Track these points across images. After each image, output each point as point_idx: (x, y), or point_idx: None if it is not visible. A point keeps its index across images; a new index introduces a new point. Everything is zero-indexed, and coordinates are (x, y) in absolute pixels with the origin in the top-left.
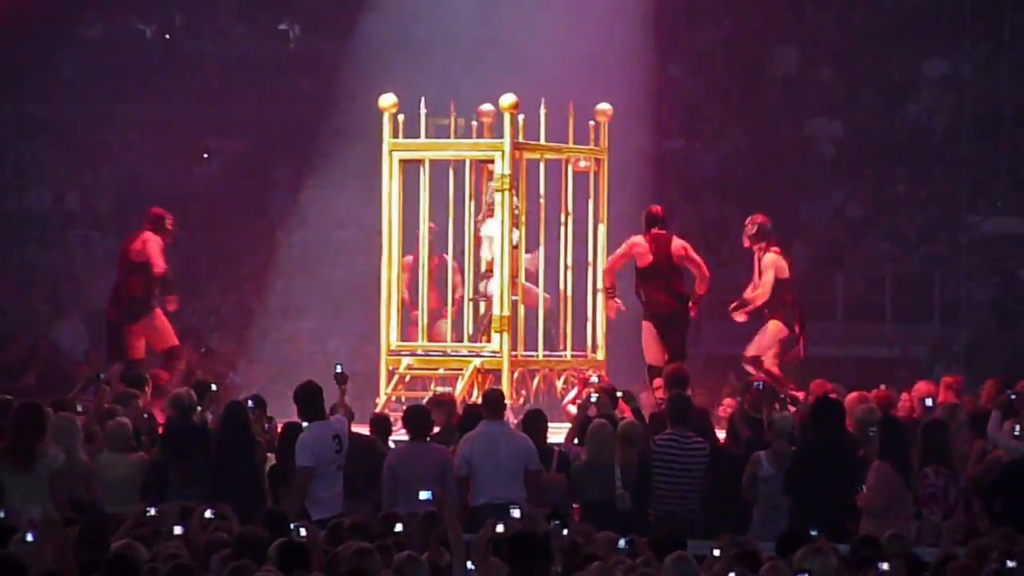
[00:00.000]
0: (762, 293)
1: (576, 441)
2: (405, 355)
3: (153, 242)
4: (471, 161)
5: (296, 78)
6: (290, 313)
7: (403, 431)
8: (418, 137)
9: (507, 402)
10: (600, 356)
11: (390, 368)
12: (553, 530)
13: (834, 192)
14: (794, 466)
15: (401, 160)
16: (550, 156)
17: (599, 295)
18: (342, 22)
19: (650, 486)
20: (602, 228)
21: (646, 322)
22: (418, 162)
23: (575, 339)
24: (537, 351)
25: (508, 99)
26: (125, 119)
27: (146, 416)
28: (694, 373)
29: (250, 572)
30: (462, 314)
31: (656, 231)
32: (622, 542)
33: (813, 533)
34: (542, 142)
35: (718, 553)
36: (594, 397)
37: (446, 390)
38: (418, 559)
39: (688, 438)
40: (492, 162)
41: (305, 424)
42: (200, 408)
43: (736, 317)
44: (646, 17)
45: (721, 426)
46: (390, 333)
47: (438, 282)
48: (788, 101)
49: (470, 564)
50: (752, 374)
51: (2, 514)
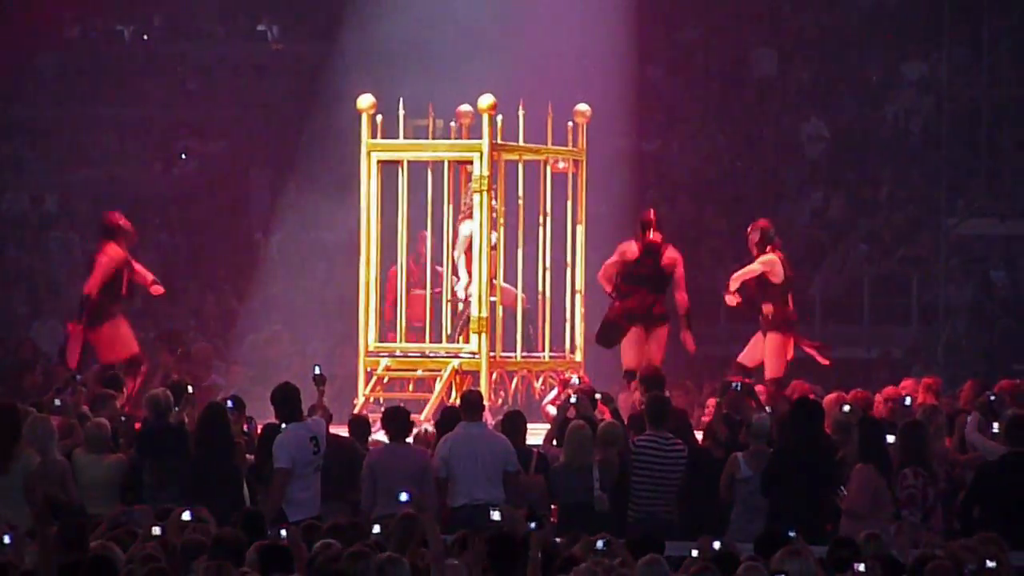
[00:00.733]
0: (741, 275)
1: (555, 442)
2: (383, 356)
3: (101, 256)
4: (449, 162)
5: (275, 79)
6: (269, 314)
7: (381, 432)
8: (396, 138)
9: (485, 403)
10: (578, 357)
11: (368, 369)
12: (533, 532)
13: (812, 193)
14: (771, 467)
15: (379, 161)
16: (528, 157)
17: (577, 296)
18: (320, 24)
19: (628, 487)
20: (580, 229)
21: (630, 325)
22: (396, 163)
23: (553, 340)
24: (515, 352)
25: (486, 100)
26: (103, 120)
27: (123, 418)
28: (674, 374)
29: (228, 574)
30: (439, 315)
31: (649, 238)
32: (600, 543)
33: (791, 534)
34: (520, 143)
35: (696, 554)
36: (573, 398)
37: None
38: (400, 560)
39: (667, 439)
40: (471, 163)
41: (283, 425)
42: (177, 409)
43: (728, 299)
44: (625, 18)
45: (703, 427)
46: (368, 334)
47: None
48: (767, 102)
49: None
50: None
51: None
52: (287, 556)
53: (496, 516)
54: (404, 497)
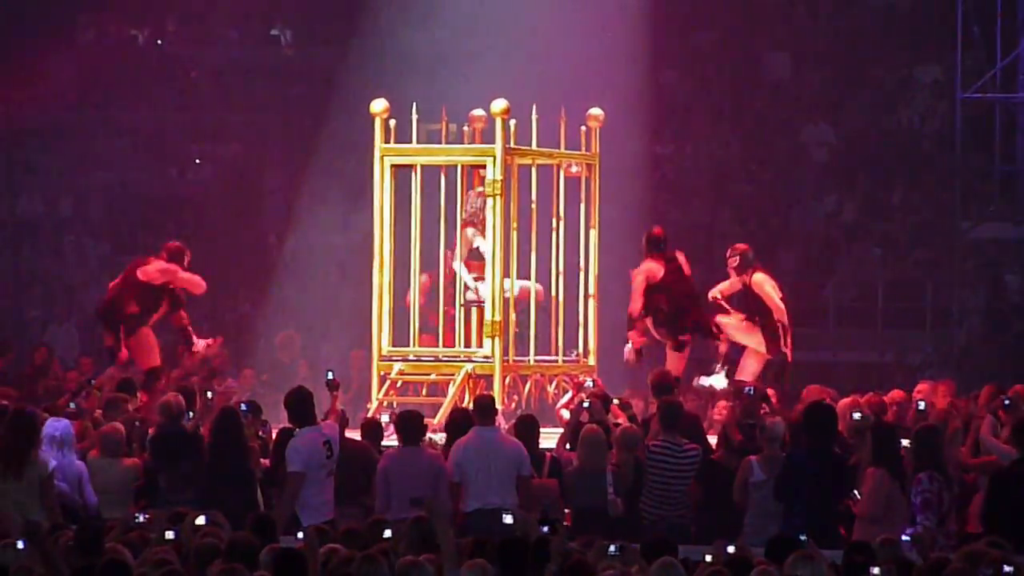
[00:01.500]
0: (780, 309)
1: (568, 447)
2: (397, 360)
3: (173, 271)
4: (463, 166)
5: (288, 84)
6: (283, 318)
7: (395, 436)
8: (410, 142)
9: (498, 407)
10: (591, 361)
11: (382, 373)
12: (550, 536)
13: (826, 197)
14: (785, 471)
15: (393, 165)
16: (542, 161)
17: (591, 300)
18: (334, 28)
19: (643, 490)
20: (593, 233)
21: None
22: (410, 167)
23: (567, 344)
24: (529, 356)
25: (500, 104)
26: (117, 124)
27: (137, 423)
28: (688, 378)
29: None
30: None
31: (666, 253)
32: (612, 548)
33: (802, 538)
34: (534, 147)
35: (710, 559)
36: (587, 403)
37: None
38: (422, 564)
39: (680, 445)
40: (484, 167)
41: (296, 430)
42: (192, 415)
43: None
44: (638, 22)
45: (715, 431)
46: (382, 338)
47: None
48: (780, 106)
49: None
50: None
51: None
52: (301, 560)
53: (508, 520)
54: (417, 504)
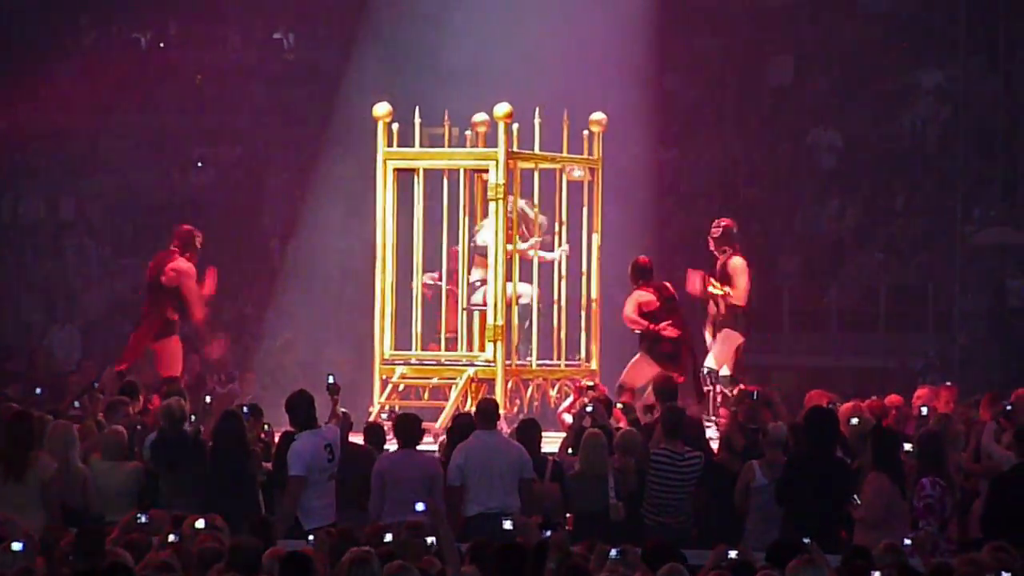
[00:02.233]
0: (739, 296)
1: (570, 451)
2: (399, 364)
3: (189, 278)
4: (465, 170)
5: (291, 87)
6: (285, 321)
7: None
8: (412, 146)
9: (501, 411)
10: (594, 365)
11: (384, 377)
12: (550, 540)
13: (829, 202)
14: (785, 475)
15: (395, 169)
16: (544, 165)
17: (593, 305)
18: (337, 32)
19: (644, 496)
20: (596, 237)
21: (647, 355)
22: (412, 171)
23: (569, 349)
24: (531, 360)
25: (502, 108)
26: (119, 127)
27: (139, 427)
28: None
29: None
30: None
31: (655, 282)
32: (613, 552)
33: (805, 541)
34: (536, 151)
35: (711, 563)
36: (589, 407)
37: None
38: (411, 569)
39: (682, 453)
40: (486, 171)
41: (298, 433)
42: (194, 417)
43: (694, 286)
44: (641, 27)
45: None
46: (384, 342)
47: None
48: (783, 111)
49: None
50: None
51: None
52: (308, 564)
53: (508, 525)
54: (421, 507)
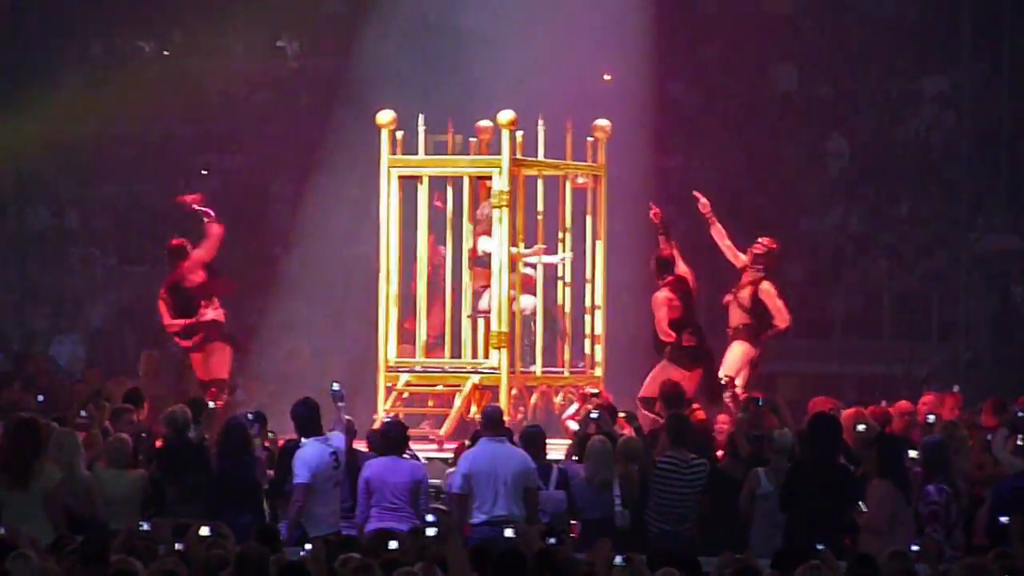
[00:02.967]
0: (784, 318)
1: (575, 458)
2: (403, 371)
3: (164, 297)
4: (469, 177)
5: (294, 95)
6: (290, 329)
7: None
8: (416, 154)
9: (505, 418)
10: (598, 373)
11: (388, 385)
12: (552, 548)
13: (833, 209)
14: (789, 482)
15: (399, 176)
16: (548, 172)
17: (598, 312)
18: (340, 40)
19: (649, 503)
20: (600, 244)
21: (668, 362)
22: (416, 178)
23: (573, 356)
24: (536, 367)
25: (506, 115)
26: (124, 136)
27: (144, 435)
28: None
29: None
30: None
31: (673, 278)
32: (618, 559)
33: (820, 547)
34: (540, 158)
35: (716, 571)
36: (595, 414)
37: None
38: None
39: (687, 461)
40: (490, 178)
41: (302, 441)
42: (199, 424)
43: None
44: (645, 33)
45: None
46: (388, 349)
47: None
48: (787, 118)
49: None
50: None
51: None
52: (305, 573)
53: (509, 533)
54: (431, 519)
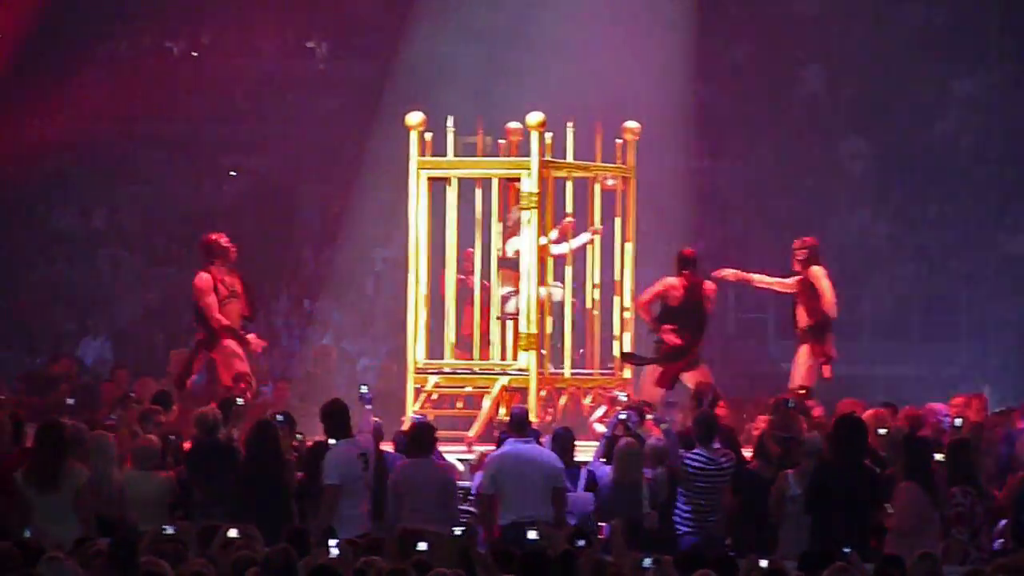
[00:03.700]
0: (830, 303)
1: (604, 460)
2: (432, 373)
3: (202, 290)
4: (499, 179)
5: (323, 96)
6: (319, 331)
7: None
8: (445, 155)
9: (533, 420)
10: (627, 374)
11: (417, 386)
12: (576, 549)
13: (861, 211)
14: (814, 484)
15: (429, 178)
16: (577, 174)
17: (627, 314)
18: (369, 41)
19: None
20: (629, 246)
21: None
22: (445, 180)
23: (602, 357)
24: (564, 368)
25: (535, 117)
26: (152, 136)
27: (173, 437)
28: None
29: None
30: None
31: (690, 273)
32: (647, 561)
33: (846, 551)
34: (570, 160)
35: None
36: (623, 415)
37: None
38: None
39: (714, 458)
40: (519, 180)
41: (332, 442)
42: (228, 423)
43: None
44: (674, 35)
45: (751, 444)
46: (416, 351)
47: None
48: (815, 120)
49: None
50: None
51: (28, 534)
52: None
53: (533, 534)
54: (459, 531)
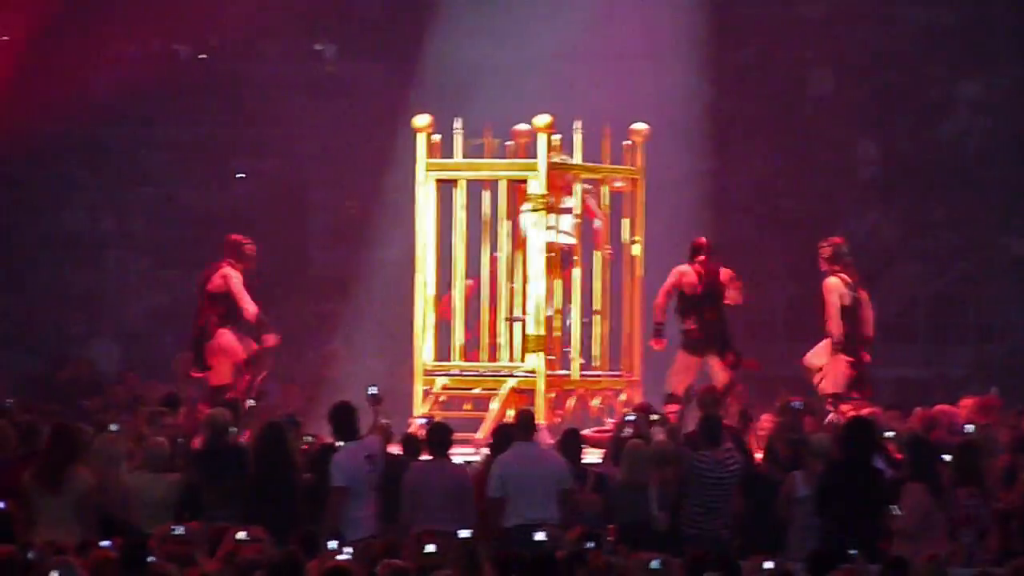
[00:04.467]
0: (833, 323)
1: (612, 460)
2: (440, 375)
3: (235, 280)
4: (507, 181)
5: (331, 99)
6: (326, 333)
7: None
8: (453, 157)
9: (542, 422)
10: (636, 376)
11: (425, 388)
12: (584, 551)
13: (868, 213)
14: (823, 486)
15: (436, 180)
16: (585, 176)
17: (635, 315)
18: (377, 44)
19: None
20: (638, 248)
21: (683, 351)
22: (453, 182)
23: (611, 359)
24: (573, 370)
25: (543, 119)
26: (160, 139)
27: (181, 440)
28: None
29: None
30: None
31: (705, 259)
32: (655, 563)
33: (852, 552)
34: (578, 162)
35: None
36: (631, 416)
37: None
38: None
39: (720, 460)
40: (526, 182)
41: (339, 444)
42: (240, 421)
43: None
44: (682, 38)
45: (759, 446)
46: (424, 353)
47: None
48: (822, 122)
49: None
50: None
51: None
52: None
53: (540, 536)
54: (465, 534)
